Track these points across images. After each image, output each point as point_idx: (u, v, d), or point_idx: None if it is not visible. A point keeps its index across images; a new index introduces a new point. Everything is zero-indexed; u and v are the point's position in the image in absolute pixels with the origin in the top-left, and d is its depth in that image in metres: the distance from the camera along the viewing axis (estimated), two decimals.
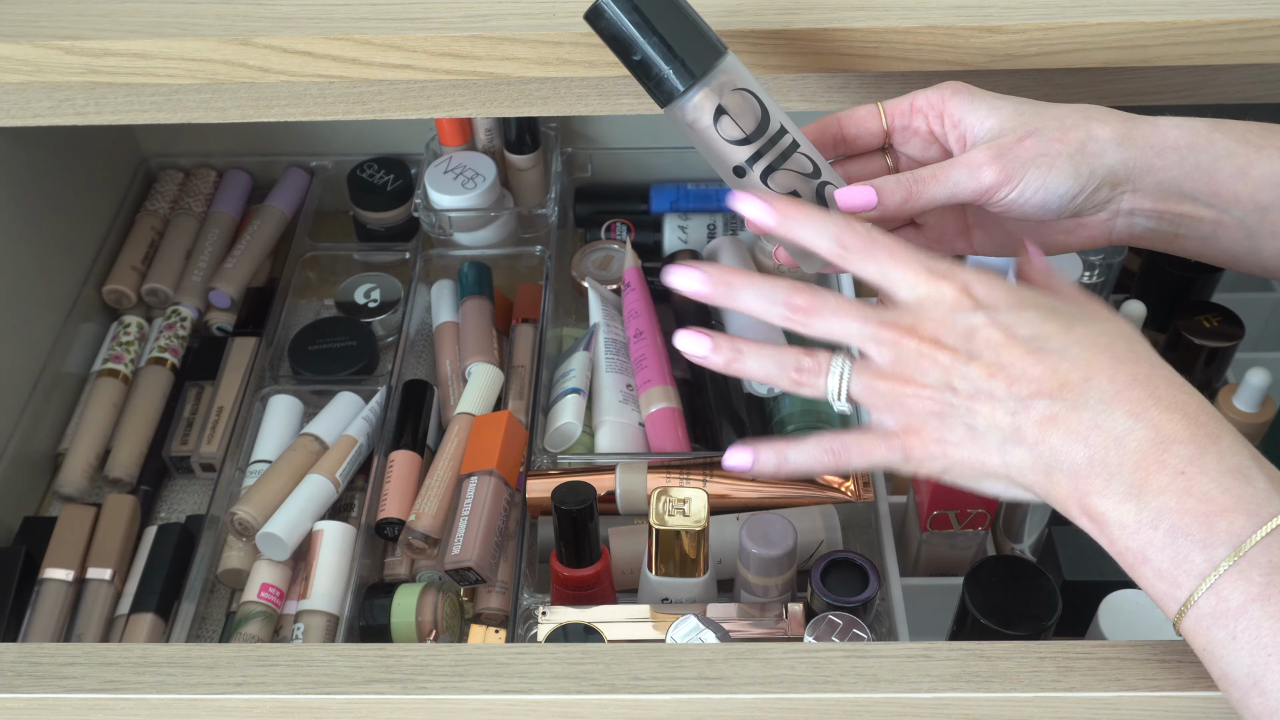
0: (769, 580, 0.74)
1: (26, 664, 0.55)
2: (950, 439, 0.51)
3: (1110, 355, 0.49)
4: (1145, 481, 0.46)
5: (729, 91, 0.56)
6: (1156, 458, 0.46)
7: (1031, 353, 0.49)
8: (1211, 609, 0.45)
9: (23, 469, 0.91)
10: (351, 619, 0.80)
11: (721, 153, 0.57)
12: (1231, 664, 0.45)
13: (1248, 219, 0.58)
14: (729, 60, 0.56)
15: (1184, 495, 0.46)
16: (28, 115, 0.72)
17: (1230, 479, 0.45)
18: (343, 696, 0.53)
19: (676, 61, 0.55)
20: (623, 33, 0.55)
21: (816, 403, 0.90)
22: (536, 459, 0.87)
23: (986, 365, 0.50)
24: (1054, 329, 0.50)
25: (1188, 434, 0.46)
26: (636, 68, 0.56)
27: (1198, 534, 0.45)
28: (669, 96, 0.56)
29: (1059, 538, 0.73)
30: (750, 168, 0.57)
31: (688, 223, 1.06)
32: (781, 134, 0.58)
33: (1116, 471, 0.47)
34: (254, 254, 1.05)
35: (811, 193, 0.58)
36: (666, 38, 0.55)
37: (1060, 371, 0.49)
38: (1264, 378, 0.82)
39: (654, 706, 0.53)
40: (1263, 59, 0.67)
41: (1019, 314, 0.50)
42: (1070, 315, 0.51)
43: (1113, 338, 0.50)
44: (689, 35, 0.55)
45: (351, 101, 0.71)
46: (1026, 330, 0.50)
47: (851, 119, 0.61)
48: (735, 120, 0.56)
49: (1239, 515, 0.45)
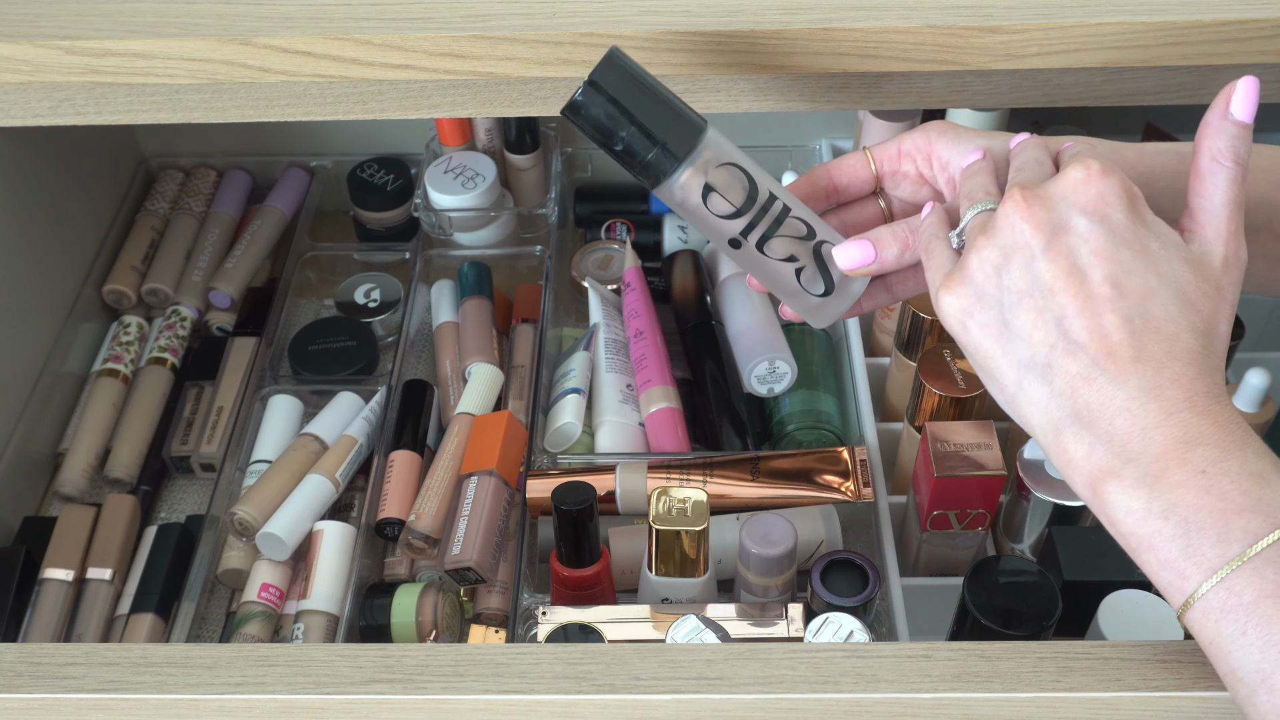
0: (769, 580, 0.74)
1: (26, 664, 0.55)
2: (980, 317, 0.50)
3: (1167, 347, 0.47)
4: (1163, 474, 0.46)
5: (714, 168, 0.56)
6: (1180, 455, 0.46)
7: (1103, 297, 0.48)
8: (1222, 603, 0.45)
9: (23, 469, 0.92)
10: (351, 619, 0.80)
11: (714, 227, 0.57)
12: (1240, 660, 0.45)
13: None
14: (710, 135, 0.57)
15: (1202, 492, 0.46)
16: (28, 115, 0.72)
17: (1251, 482, 0.46)
18: (343, 696, 0.53)
19: (658, 146, 0.55)
20: (603, 124, 0.55)
21: (816, 403, 0.90)
22: (536, 459, 0.87)
23: (1055, 273, 0.48)
24: (1135, 286, 0.48)
25: (1215, 438, 0.46)
26: (621, 156, 0.56)
27: (1212, 529, 0.45)
28: (656, 180, 0.56)
29: (1059, 538, 0.73)
30: (745, 239, 0.57)
31: (688, 223, 1.06)
32: (771, 201, 0.57)
33: (1137, 458, 0.47)
34: (254, 254, 1.05)
35: (809, 254, 0.58)
36: (646, 124, 0.55)
37: (1114, 338, 0.47)
38: (1264, 378, 0.82)
39: (654, 706, 0.53)
40: (1263, 59, 0.67)
41: (1115, 248, 0.48)
42: (1160, 284, 0.48)
43: (1177, 330, 0.48)
44: (668, 118, 0.56)
45: (351, 101, 0.71)
46: (1112, 270, 0.48)
47: (841, 168, 0.61)
48: (723, 195, 0.57)
49: (1256, 516, 0.45)
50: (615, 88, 0.55)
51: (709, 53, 0.67)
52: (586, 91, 0.55)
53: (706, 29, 0.66)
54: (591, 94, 0.55)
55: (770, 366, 0.90)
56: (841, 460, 0.84)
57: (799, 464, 0.84)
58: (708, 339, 0.93)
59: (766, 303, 0.96)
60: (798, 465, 0.84)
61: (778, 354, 0.90)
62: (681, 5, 0.68)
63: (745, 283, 0.97)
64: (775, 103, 0.71)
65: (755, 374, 0.90)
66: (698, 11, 0.67)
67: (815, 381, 0.91)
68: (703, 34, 0.66)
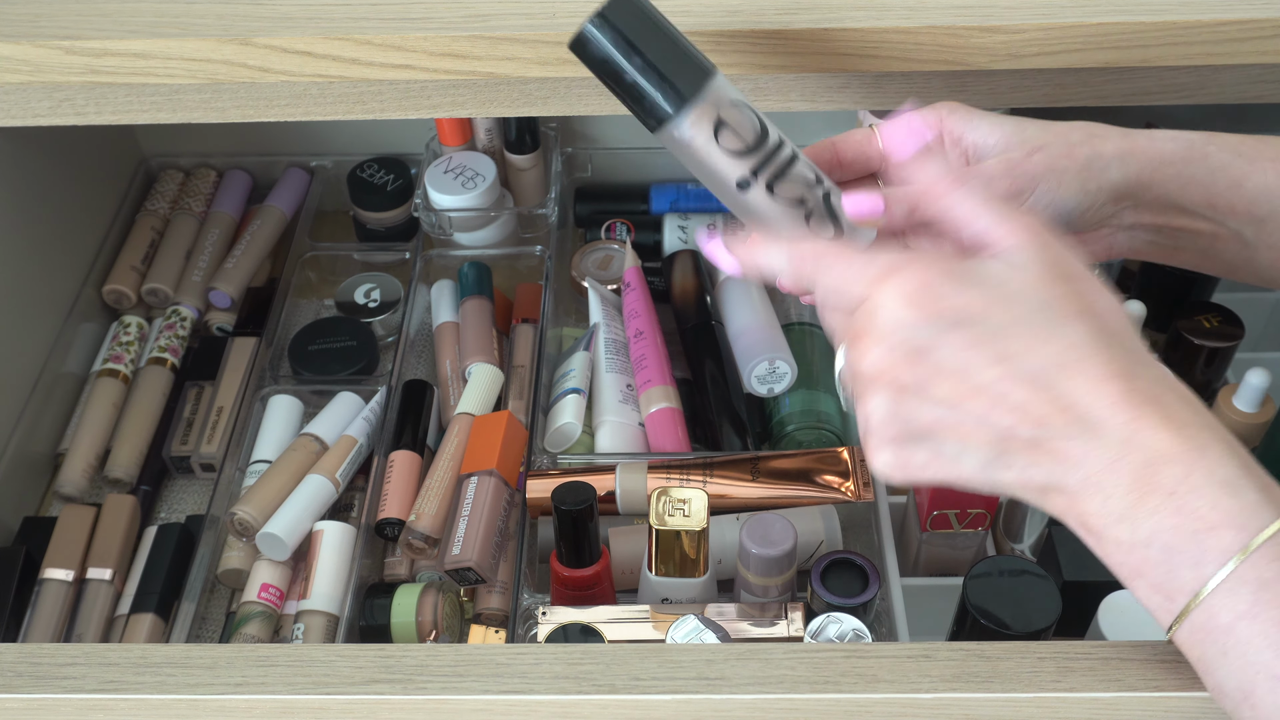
0: (769, 580, 0.74)
1: (26, 664, 0.55)
2: (916, 460, 0.49)
3: (1086, 377, 0.46)
4: (1139, 502, 0.46)
5: (726, 106, 0.56)
6: (1148, 479, 0.46)
7: (998, 377, 0.46)
8: (1203, 624, 0.45)
9: (23, 469, 0.91)
10: (351, 619, 0.80)
11: (722, 170, 0.57)
12: (1224, 677, 0.46)
13: (1244, 231, 0.58)
14: (719, 79, 0.56)
15: (1175, 514, 0.45)
16: (28, 115, 0.72)
17: (1220, 493, 0.45)
18: (343, 696, 0.53)
19: (668, 83, 0.55)
20: (613, 59, 0.54)
21: (816, 403, 0.90)
22: (536, 459, 0.87)
23: (945, 389, 0.47)
24: (1022, 345, 0.47)
25: (1176, 450, 0.46)
26: (628, 92, 0.55)
27: (1189, 552, 0.45)
28: (664, 118, 0.56)
29: (1059, 538, 0.73)
30: (755, 179, 0.57)
31: (687, 223, 1.06)
32: (781, 145, 0.57)
33: (1111, 494, 0.46)
34: (254, 254, 1.05)
35: (818, 200, 0.57)
36: (656, 62, 0.54)
37: (1039, 402, 0.46)
38: (1264, 378, 0.82)
39: (654, 706, 0.53)
40: (1263, 59, 0.67)
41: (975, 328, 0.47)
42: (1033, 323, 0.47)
43: (1082, 351, 0.47)
44: (680, 56, 0.55)
45: (351, 101, 0.71)
46: (992, 348, 0.47)
47: (847, 143, 0.60)
48: (736, 131, 0.56)
49: (1227, 531, 0.45)
50: (626, 22, 0.54)
51: (709, 52, 0.66)
52: (597, 22, 0.53)
53: (706, 29, 0.66)
54: (602, 26, 0.54)
55: (770, 366, 0.90)
56: (841, 460, 0.84)
57: (799, 464, 0.84)
58: (708, 339, 0.93)
59: (766, 303, 0.96)
60: (798, 465, 0.84)
61: (778, 354, 0.90)
62: (682, 5, 0.67)
63: (745, 283, 0.97)
64: (775, 103, 0.71)
65: (755, 374, 0.90)
66: (698, 11, 0.67)
67: (815, 381, 0.91)
68: (703, 34, 0.66)
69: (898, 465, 0.50)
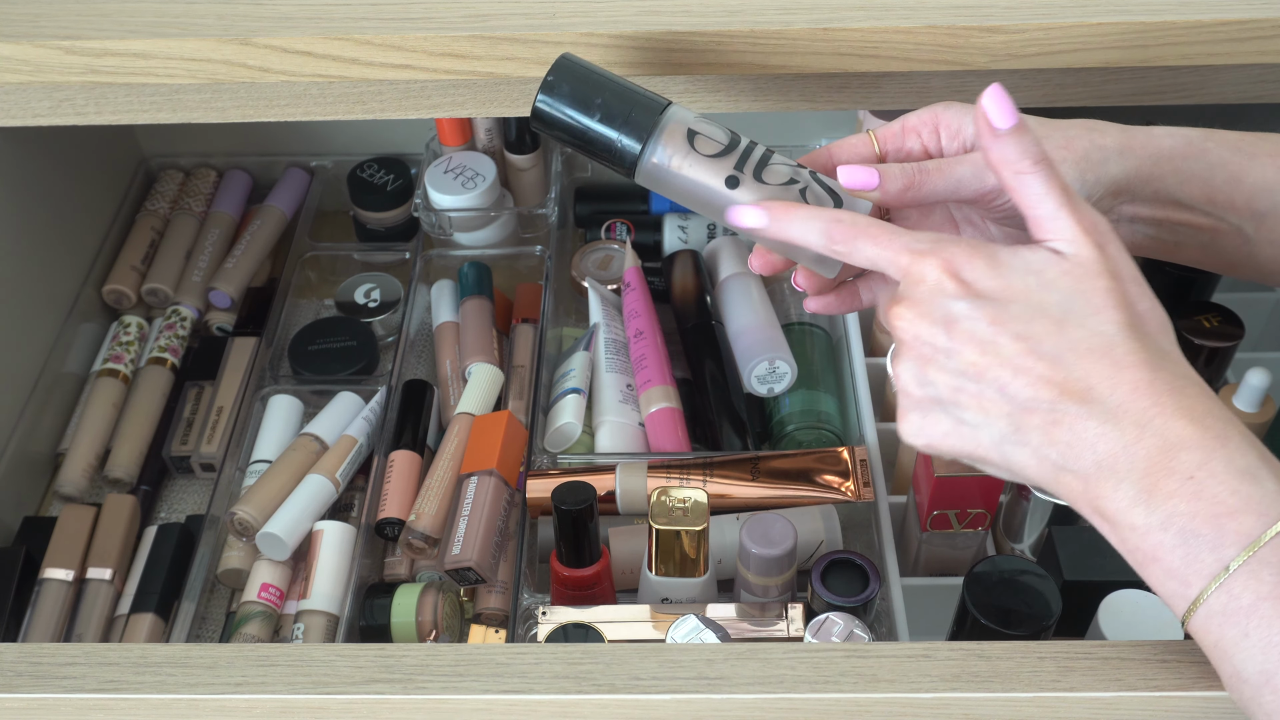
0: (769, 580, 0.74)
1: (26, 664, 0.55)
2: (937, 428, 0.51)
3: (1109, 362, 0.48)
4: (1155, 487, 0.46)
5: (691, 122, 0.57)
6: (1164, 464, 0.46)
7: (1022, 352, 0.48)
8: (1223, 607, 0.45)
9: (23, 469, 0.92)
10: (351, 619, 0.80)
11: (707, 177, 0.57)
12: (1244, 661, 0.45)
13: (1245, 226, 0.58)
14: (675, 108, 0.58)
15: (1194, 499, 0.46)
16: (28, 115, 0.72)
17: (1239, 481, 0.46)
18: (343, 696, 0.53)
19: (629, 124, 0.56)
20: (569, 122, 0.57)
21: (816, 403, 0.90)
22: (536, 459, 0.87)
23: (970, 358, 0.49)
24: (1044, 328, 0.48)
25: (1195, 439, 0.46)
26: (596, 146, 0.57)
27: (1208, 535, 0.45)
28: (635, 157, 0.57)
29: (1059, 538, 0.73)
30: (742, 172, 0.57)
31: (688, 223, 1.06)
32: (754, 144, 0.58)
33: (1126, 477, 0.47)
34: (254, 254, 1.05)
35: (808, 179, 0.57)
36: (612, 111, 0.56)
37: (1057, 379, 0.48)
38: (1264, 378, 0.82)
39: (654, 706, 0.53)
40: (1263, 59, 0.67)
41: (1004, 308, 0.49)
42: (1062, 310, 0.49)
43: (1109, 340, 0.48)
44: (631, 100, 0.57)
45: (351, 101, 0.71)
46: (1016, 327, 0.48)
47: (843, 148, 0.61)
48: (708, 136, 0.57)
49: (1248, 516, 0.45)
50: (571, 86, 0.57)
51: (709, 53, 0.67)
52: (544, 94, 0.57)
53: (706, 29, 0.66)
54: (550, 96, 0.57)
55: (770, 366, 0.90)
56: (841, 460, 0.84)
57: (799, 464, 0.84)
58: (708, 339, 0.93)
59: (766, 302, 0.96)
60: (798, 465, 0.84)
61: (778, 354, 0.90)
62: (681, 5, 0.68)
63: (745, 283, 0.97)
64: (775, 103, 0.71)
65: (755, 374, 0.90)
66: (698, 11, 0.67)
67: (815, 381, 0.91)
68: (703, 34, 0.66)
69: (921, 430, 0.51)
